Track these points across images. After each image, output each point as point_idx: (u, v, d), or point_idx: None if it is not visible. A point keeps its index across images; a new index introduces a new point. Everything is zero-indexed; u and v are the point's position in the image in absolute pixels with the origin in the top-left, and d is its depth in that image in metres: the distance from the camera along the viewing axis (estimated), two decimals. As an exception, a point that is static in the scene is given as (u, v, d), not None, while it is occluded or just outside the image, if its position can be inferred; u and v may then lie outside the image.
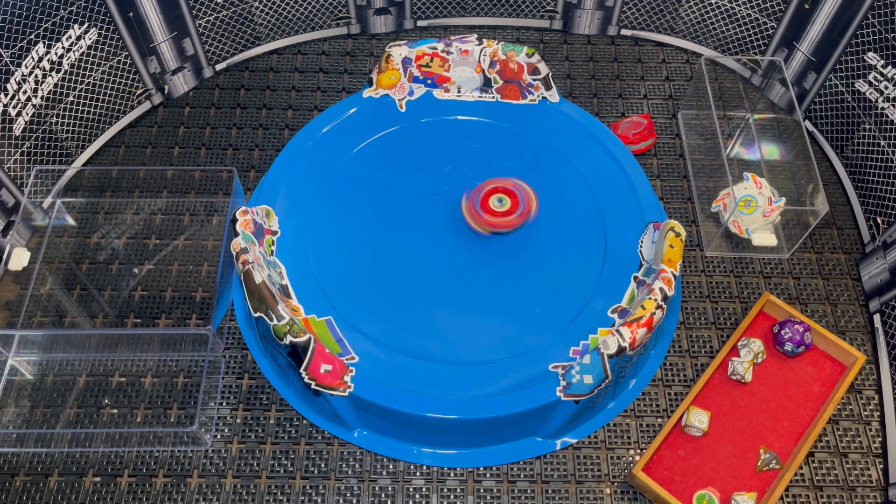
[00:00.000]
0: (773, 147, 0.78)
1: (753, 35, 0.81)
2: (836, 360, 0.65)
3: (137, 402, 0.63)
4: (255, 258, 0.60)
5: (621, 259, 0.66)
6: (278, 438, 0.62)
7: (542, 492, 0.60)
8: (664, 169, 0.77)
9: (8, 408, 0.62)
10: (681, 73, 0.84)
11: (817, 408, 0.62)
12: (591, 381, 0.56)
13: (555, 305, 0.64)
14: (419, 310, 0.64)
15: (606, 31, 0.86)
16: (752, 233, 0.71)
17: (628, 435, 0.62)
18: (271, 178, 0.70)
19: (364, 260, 0.66)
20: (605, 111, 0.81)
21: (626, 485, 0.60)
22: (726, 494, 0.59)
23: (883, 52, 0.69)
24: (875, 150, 0.72)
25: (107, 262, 0.70)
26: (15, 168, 0.69)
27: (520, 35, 0.87)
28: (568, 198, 0.70)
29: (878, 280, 0.68)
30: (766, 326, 0.66)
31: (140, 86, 0.78)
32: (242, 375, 0.65)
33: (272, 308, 0.57)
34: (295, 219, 0.68)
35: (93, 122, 0.76)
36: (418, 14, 0.86)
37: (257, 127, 0.79)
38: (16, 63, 0.65)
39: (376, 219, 0.69)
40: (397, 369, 0.60)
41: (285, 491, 0.59)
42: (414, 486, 0.60)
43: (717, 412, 0.62)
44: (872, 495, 0.60)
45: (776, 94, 0.81)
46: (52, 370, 0.64)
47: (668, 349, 0.66)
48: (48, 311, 0.67)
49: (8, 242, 0.68)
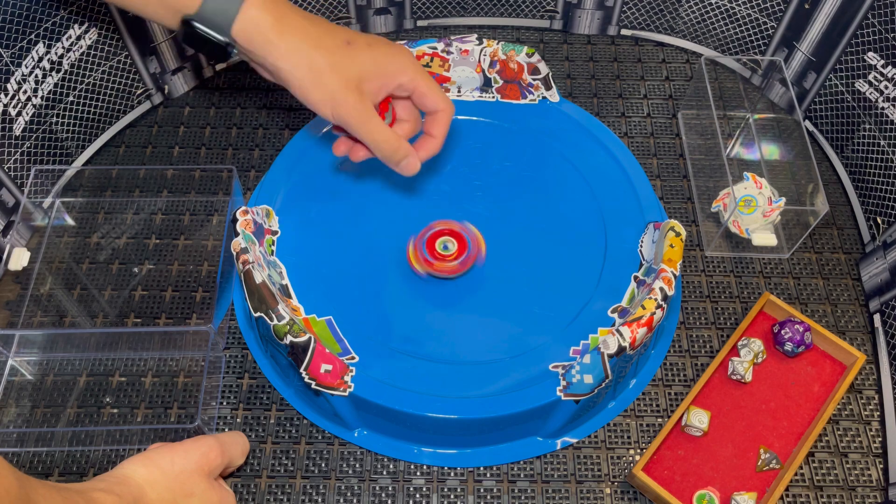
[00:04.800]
0: (773, 147, 0.78)
1: (753, 35, 0.81)
2: (836, 359, 0.65)
3: (138, 402, 0.63)
4: (256, 258, 0.60)
5: (621, 259, 0.66)
6: (279, 438, 0.62)
7: (542, 491, 0.60)
8: (664, 169, 0.77)
9: (8, 407, 0.62)
10: (681, 73, 0.84)
11: (817, 408, 0.62)
12: (591, 380, 0.56)
13: (555, 305, 0.64)
14: (419, 310, 0.64)
15: (606, 31, 0.86)
16: (752, 233, 0.71)
17: (628, 435, 0.62)
18: (271, 178, 0.70)
19: (364, 260, 0.66)
20: (605, 111, 0.81)
21: (627, 485, 0.60)
22: (726, 494, 0.59)
23: (883, 52, 0.69)
24: (875, 150, 0.72)
25: (107, 261, 0.70)
26: (15, 168, 0.69)
27: (520, 35, 0.87)
28: (568, 198, 0.70)
29: (878, 280, 0.68)
30: (766, 326, 0.66)
31: (140, 86, 0.78)
32: (243, 375, 0.65)
33: (272, 308, 0.57)
34: (295, 219, 0.68)
35: (93, 122, 0.76)
36: (418, 14, 0.86)
37: (257, 127, 0.79)
38: (16, 63, 0.65)
39: (376, 219, 0.69)
40: (397, 369, 0.60)
41: (286, 490, 0.59)
42: (414, 486, 0.60)
43: (717, 412, 0.62)
44: (872, 495, 0.60)
45: (776, 94, 0.81)
46: (52, 370, 0.64)
47: (668, 349, 0.66)
48: (48, 311, 0.67)
49: (8, 242, 0.68)
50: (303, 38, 0.52)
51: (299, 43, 0.52)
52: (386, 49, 0.55)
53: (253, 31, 0.51)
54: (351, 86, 0.53)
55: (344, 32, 0.54)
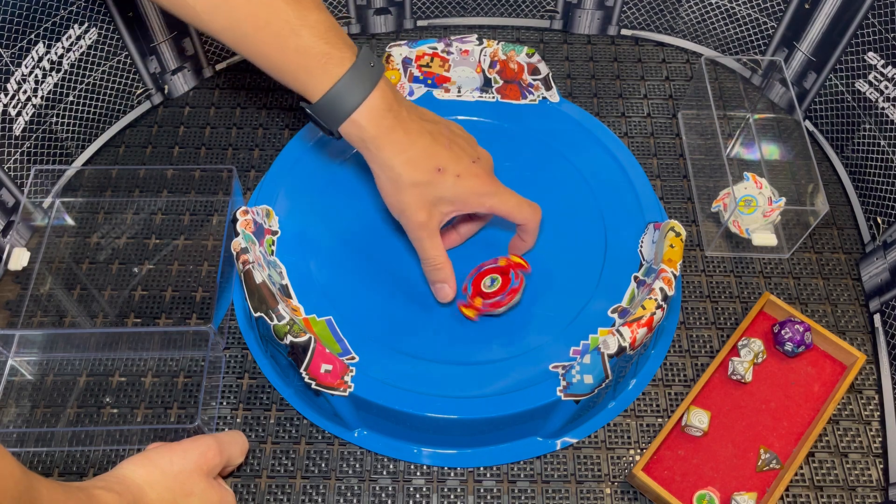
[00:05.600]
0: (773, 147, 0.78)
1: (753, 35, 0.81)
2: (836, 359, 0.65)
3: (138, 402, 0.63)
4: (256, 258, 0.60)
5: (621, 259, 0.66)
6: (279, 438, 0.62)
7: (542, 491, 0.60)
8: (664, 169, 0.77)
9: (8, 407, 0.62)
10: (681, 73, 0.84)
11: (817, 408, 0.62)
12: (591, 380, 0.56)
13: (555, 305, 0.64)
14: (419, 309, 0.64)
15: (606, 31, 0.87)
16: (753, 233, 0.71)
17: (628, 435, 0.62)
18: (271, 178, 0.70)
19: (364, 260, 0.66)
20: (605, 111, 0.81)
21: (627, 485, 0.60)
22: (726, 494, 0.59)
23: (883, 52, 0.69)
24: (875, 150, 0.72)
25: (107, 261, 0.70)
26: (15, 168, 0.69)
27: (520, 35, 0.87)
28: (568, 198, 0.70)
29: (879, 280, 0.68)
30: (766, 326, 0.66)
31: (140, 86, 0.78)
32: (243, 375, 0.65)
33: (272, 308, 0.57)
34: (295, 219, 0.68)
35: (93, 121, 0.76)
36: (418, 14, 0.86)
37: (257, 127, 0.79)
38: (16, 63, 0.65)
39: (376, 218, 0.69)
40: (397, 369, 0.60)
41: (286, 490, 0.59)
42: (414, 486, 0.60)
43: (717, 412, 0.62)
44: (872, 495, 0.60)
45: (776, 94, 0.81)
46: (52, 370, 0.64)
47: (668, 349, 0.66)
48: (48, 311, 0.67)
49: (8, 242, 0.68)
50: (398, 155, 0.56)
51: (393, 160, 0.56)
52: (472, 182, 0.59)
53: (355, 136, 0.56)
54: (425, 206, 0.58)
55: (440, 157, 0.58)
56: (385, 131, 0.56)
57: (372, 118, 0.55)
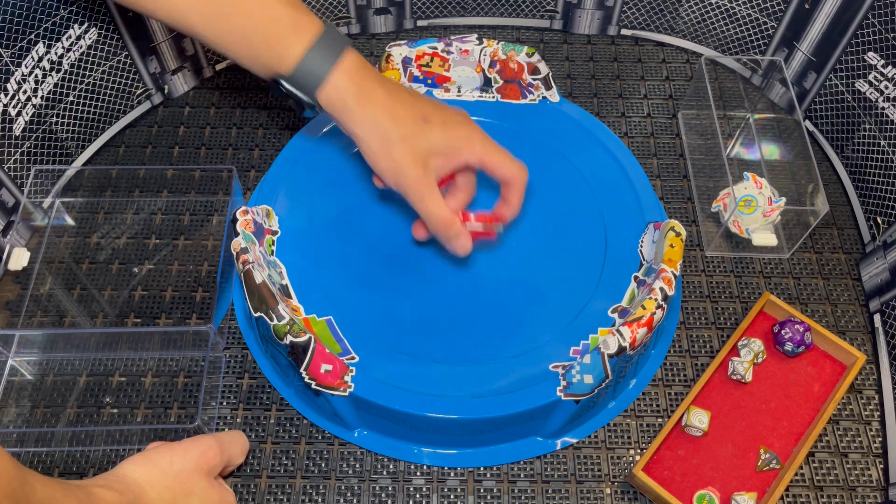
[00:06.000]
0: (773, 147, 0.78)
1: (753, 35, 0.81)
2: (836, 359, 0.65)
3: (138, 402, 0.63)
4: (256, 258, 0.60)
5: (621, 259, 0.66)
6: (279, 438, 0.62)
7: (542, 491, 0.60)
8: (664, 169, 0.77)
9: (8, 407, 0.62)
10: (681, 73, 0.84)
11: (817, 408, 0.62)
12: (591, 380, 0.56)
13: (555, 305, 0.64)
14: (419, 309, 0.64)
15: (606, 31, 0.87)
16: (753, 233, 0.71)
17: (628, 435, 0.62)
18: (271, 178, 0.70)
19: (364, 260, 0.66)
20: (605, 111, 0.81)
21: (627, 485, 0.60)
22: (726, 494, 0.59)
23: (883, 52, 0.69)
24: (875, 150, 0.72)
25: (107, 261, 0.70)
26: (15, 168, 0.69)
27: (520, 35, 0.87)
28: (568, 198, 0.70)
29: (879, 280, 0.68)
30: (766, 326, 0.66)
31: (140, 86, 0.78)
32: (243, 375, 0.65)
33: (272, 308, 0.57)
34: (295, 219, 0.68)
35: (93, 121, 0.76)
36: (418, 14, 0.86)
37: (257, 127, 0.79)
38: (16, 63, 0.65)
39: (376, 219, 0.69)
40: (397, 369, 0.60)
41: (286, 490, 0.59)
42: (414, 486, 0.60)
43: (717, 412, 0.62)
44: (872, 495, 0.60)
45: (776, 94, 0.81)
46: (52, 370, 0.64)
47: (668, 349, 0.66)
48: (48, 311, 0.67)
49: (8, 242, 0.68)
50: (381, 109, 0.55)
51: (377, 114, 0.55)
52: (458, 128, 0.58)
53: (335, 99, 0.55)
54: (418, 160, 0.56)
55: (422, 107, 0.57)
56: (366, 90, 0.55)
57: (352, 77, 0.55)
